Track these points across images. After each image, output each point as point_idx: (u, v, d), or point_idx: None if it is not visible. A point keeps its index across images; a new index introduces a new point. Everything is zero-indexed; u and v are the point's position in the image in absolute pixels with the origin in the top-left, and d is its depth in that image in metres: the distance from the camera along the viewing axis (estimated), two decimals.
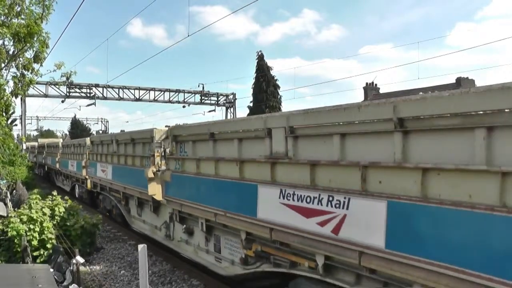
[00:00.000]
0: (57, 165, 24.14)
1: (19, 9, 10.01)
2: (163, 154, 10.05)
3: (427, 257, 3.85)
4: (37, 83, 26.65)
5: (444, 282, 3.72)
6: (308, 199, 5.21)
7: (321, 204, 5.02)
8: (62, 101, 37.68)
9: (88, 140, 17.44)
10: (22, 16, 10.04)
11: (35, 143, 39.10)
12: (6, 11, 9.61)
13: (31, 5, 10.03)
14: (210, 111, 44.21)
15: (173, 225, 9.71)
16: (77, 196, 19.94)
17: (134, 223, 12.51)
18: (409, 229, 4.05)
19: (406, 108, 4.11)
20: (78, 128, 73.90)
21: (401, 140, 4.18)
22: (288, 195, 5.52)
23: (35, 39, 10.11)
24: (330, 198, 4.91)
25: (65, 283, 8.06)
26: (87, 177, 16.89)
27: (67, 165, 21.23)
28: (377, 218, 4.33)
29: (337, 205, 4.82)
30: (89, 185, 16.75)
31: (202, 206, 7.71)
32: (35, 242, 9.40)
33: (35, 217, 9.70)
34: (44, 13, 10.10)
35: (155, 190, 10.08)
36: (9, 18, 9.83)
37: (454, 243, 3.66)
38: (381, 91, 38.05)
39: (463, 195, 3.61)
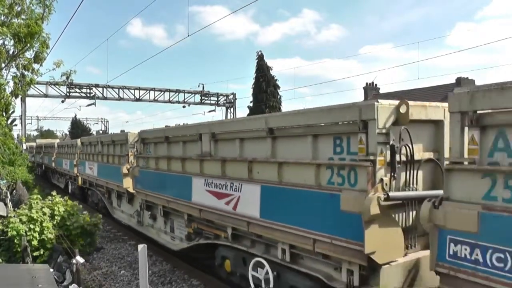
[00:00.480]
0: (53, 164, 26.10)
1: (19, 9, 10.01)
2: (135, 153, 11.69)
3: (283, 222, 5.65)
4: (37, 83, 26.65)
5: (291, 238, 5.58)
6: (220, 186, 7.12)
7: (227, 189, 6.93)
8: (62, 101, 37.68)
9: (79, 141, 19.25)
10: (23, 16, 10.04)
11: (33, 144, 41.21)
12: (7, 11, 9.60)
13: (31, 5, 10.02)
14: (210, 111, 44.26)
15: (142, 212, 11.45)
16: (70, 192, 21.37)
17: (115, 213, 14.29)
18: (273, 204, 5.92)
19: (273, 121, 6.01)
20: (78, 128, 73.85)
21: (270, 143, 6.05)
22: (210, 183, 7.42)
23: (35, 39, 10.10)
24: (232, 184, 6.81)
25: (65, 283, 8.07)
26: (78, 174, 18.71)
27: (61, 164, 23.19)
28: (255, 197, 6.20)
29: (235, 189, 6.71)
30: (79, 182, 18.35)
31: (160, 195, 9.59)
32: (35, 242, 9.40)
33: (35, 217, 9.69)
34: (45, 13, 10.09)
35: (129, 184, 11.92)
36: (9, 18, 9.82)
37: (297, 212, 5.43)
38: (381, 91, 38.05)
39: (301, 179, 5.40)
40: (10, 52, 10.70)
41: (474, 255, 3.57)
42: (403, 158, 4.73)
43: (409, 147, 4.73)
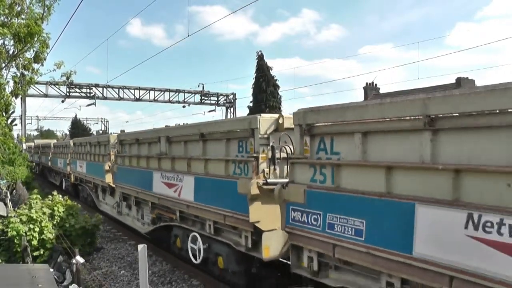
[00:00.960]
0: (49, 163, 28.10)
1: (19, 9, 10.01)
2: (116, 153, 13.44)
3: (208, 204, 7.48)
4: (37, 83, 26.71)
5: (212, 217, 7.49)
6: (171, 178, 8.98)
7: (175, 180, 8.78)
8: (62, 101, 37.75)
9: (71, 142, 21.38)
10: (23, 16, 10.03)
11: (32, 144, 42.84)
12: (7, 11, 9.60)
13: (31, 5, 10.02)
14: (210, 111, 44.24)
15: (121, 203, 13.16)
16: (63, 188, 23.29)
17: (101, 206, 16.02)
18: (202, 190, 7.78)
19: (204, 128, 8.09)
20: (78, 128, 73.87)
21: (201, 145, 7.98)
22: (164, 176, 9.24)
23: (35, 39, 10.10)
24: (177, 176, 8.69)
25: (65, 283, 8.07)
26: (70, 172, 20.58)
27: (56, 162, 25.09)
28: (190, 185, 8.14)
29: (180, 180, 8.59)
30: (72, 179, 20.21)
31: (132, 187, 11.53)
32: (35, 242, 9.39)
33: (35, 217, 9.69)
34: (44, 14, 10.09)
35: (110, 179, 13.83)
36: (9, 18, 9.82)
37: (216, 195, 7.28)
38: (381, 91, 38.06)
39: (219, 171, 7.24)
40: (10, 52, 10.70)
41: (303, 218, 5.34)
42: (284, 156, 6.38)
43: (288, 147, 6.33)
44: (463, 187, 3.60)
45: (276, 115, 6.48)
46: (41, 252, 9.46)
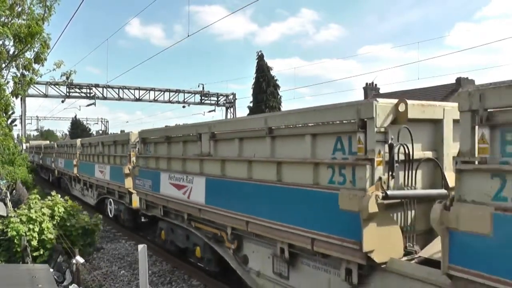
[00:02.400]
0: (40, 161, 33.73)
1: (20, 9, 10.00)
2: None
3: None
4: (37, 83, 26.73)
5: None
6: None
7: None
8: (62, 101, 37.75)
9: (55, 144, 26.96)
10: (23, 17, 10.03)
11: (27, 144, 46.67)
12: (8, 12, 9.59)
13: (32, 5, 10.02)
14: (210, 111, 44.24)
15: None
16: (50, 181, 28.71)
17: (74, 191, 20.55)
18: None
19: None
20: (78, 128, 73.90)
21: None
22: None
23: (36, 39, 10.10)
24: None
25: (65, 283, 8.07)
26: (55, 168, 25.38)
27: (46, 160, 30.37)
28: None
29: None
30: (56, 174, 25.29)
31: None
32: (35, 242, 9.38)
33: (34, 217, 9.68)
34: (45, 14, 10.09)
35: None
36: (10, 19, 9.82)
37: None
38: (381, 91, 38.03)
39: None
40: (10, 52, 10.70)
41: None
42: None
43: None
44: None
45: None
46: (41, 252, 9.44)
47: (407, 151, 4.65)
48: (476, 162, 3.55)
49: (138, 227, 13.72)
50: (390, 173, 4.55)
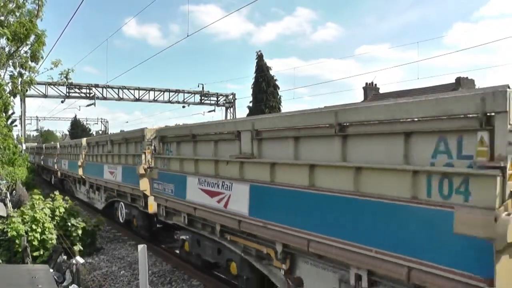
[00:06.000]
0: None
1: (13, 6, 9.99)
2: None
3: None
4: (37, 83, 26.65)
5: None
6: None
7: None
8: (62, 101, 37.70)
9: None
10: (17, 14, 10.03)
11: (24, 145, 47.62)
12: (2, 10, 9.59)
13: (23, 2, 10.02)
14: (210, 111, 44.22)
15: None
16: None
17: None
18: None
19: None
20: (78, 128, 73.91)
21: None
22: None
23: (31, 38, 10.12)
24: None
25: (65, 283, 8.05)
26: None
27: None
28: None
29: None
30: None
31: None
32: (36, 243, 9.39)
33: (38, 217, 9.69)
34: (38, 10, 10.10)
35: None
36: (5, 16, 9.83)
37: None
38: (380, 91, 38.03)
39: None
40: (6, 50, 10.69)
41: None
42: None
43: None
44: None
45: None
46: (41, 253, 9.45)
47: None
48: None
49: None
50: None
